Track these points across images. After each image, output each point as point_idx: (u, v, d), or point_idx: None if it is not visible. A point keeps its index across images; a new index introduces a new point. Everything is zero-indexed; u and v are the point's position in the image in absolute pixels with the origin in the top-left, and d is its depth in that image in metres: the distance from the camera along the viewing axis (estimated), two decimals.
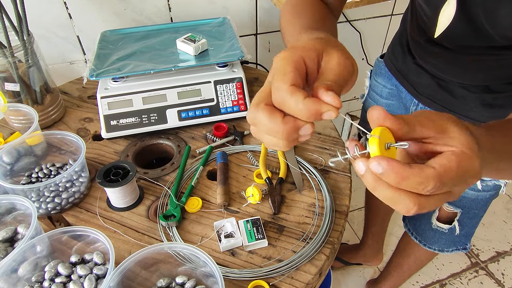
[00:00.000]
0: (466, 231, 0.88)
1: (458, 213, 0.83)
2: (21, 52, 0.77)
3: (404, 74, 0.80)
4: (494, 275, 1.48)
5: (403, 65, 0.80)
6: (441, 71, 0.70)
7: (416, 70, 0.75)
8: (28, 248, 0.53)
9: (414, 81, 0.77)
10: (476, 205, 0.81)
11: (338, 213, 0.68)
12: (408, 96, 0.81)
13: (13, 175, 0.72)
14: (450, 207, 0.83)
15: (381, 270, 1.47)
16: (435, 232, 0.90)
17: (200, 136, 0.84)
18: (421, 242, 0.96)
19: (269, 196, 0.69)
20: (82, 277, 0.53)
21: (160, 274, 0.56)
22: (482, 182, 0.74)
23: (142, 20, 1.06)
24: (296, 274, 0.59)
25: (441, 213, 0.87)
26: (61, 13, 0.97)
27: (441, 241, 0.92)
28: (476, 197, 0.78)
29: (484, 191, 0.77)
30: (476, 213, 0.83)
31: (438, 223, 0.88)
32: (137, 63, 0.83)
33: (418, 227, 0.95)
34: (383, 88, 0.90)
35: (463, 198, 0.80)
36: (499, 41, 0.56)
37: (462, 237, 0.90)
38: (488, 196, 0.79)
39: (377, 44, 1.46)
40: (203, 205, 0.69)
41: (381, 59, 0.91)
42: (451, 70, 0.68)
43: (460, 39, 0.62)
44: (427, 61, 0.72)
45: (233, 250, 0.62)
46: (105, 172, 0.66)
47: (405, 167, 0.28)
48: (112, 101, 0.80)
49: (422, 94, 0.76)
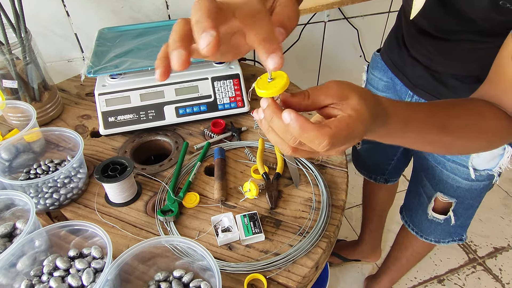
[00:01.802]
0: (461, 222, 0.89)
1: (453, 203, 0.84)
2: (19, 49, 0.77)
3: (399, 67, 0.82)
4: (491, 271, 1.48)
5: (398, 57, 0.81)
6: (433, 61, 0.71)
7: (411, 62, 0.76)
8: (26, 243, 0.53)
9: (409, 73, 0.79)
10: (470, 195, 0.81)
11: (335, 208, 0.68)
12: (403, 88, 0.82)
13: (12, 171, 0.72)
14: (445, 197, 0.83)
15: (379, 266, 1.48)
16: (431, 222, 0.91)
17: (197, 132, 0.85)
18: (418, 234, 0.97)
19: (266, 191, 0.70)
20: (80, 271, 0.53)
21: (158, 268, 0.57)
22: (475, 172, 0.75)
23: (140, 18, 1.06)
24: (293, 267, 0.59)
25: (436, 203, 0.87)
26: (58, 10, 0.98)
27: (437, 231, 0.93)
28: (470, 187, 0.79)
29: (477, 181, 0.77)
30: (470, 204, 0.84)
31: (434, 213, 0.89)
32: (134, 60, 0.84)
33: (415, 218, 0.96)
34: (379, 81, 0.91)
35: (457, 188, 0.80)
36: (482, 24, 0.56)
37: (458, 228, 0.91)
38: (482, 186, 0.79)
39: (374, 41, 1.47)
40: (201, 200, 0.69)
41: (377, 53, 0.92)
42: (442, 60, 0.69)
43: (441, 22, 0.63)
44: (420, 53, 0.73)
45: (230, 244, 0.63)
46: (103, 168, 0.66)
47: (307, 122, 0.33)
48: (110, 98, 0.80)
49: (416, 86, 0.77)
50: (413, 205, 0.96)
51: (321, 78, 1.50)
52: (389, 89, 0.90)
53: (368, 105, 0.36)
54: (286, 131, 0.35)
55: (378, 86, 0.92)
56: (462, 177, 0.78)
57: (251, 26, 0.34)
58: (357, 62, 1.50)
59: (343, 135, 0.34)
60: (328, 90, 0.37)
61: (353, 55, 1.47)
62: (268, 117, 0.36)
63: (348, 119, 0.35)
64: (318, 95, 0.36)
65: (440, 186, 0.83)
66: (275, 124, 0.36)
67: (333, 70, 1.48)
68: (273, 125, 0.36)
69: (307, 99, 0.37)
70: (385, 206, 1.29)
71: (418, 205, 0.93)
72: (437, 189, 0.84)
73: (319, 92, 0.36)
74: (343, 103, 0.36)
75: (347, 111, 0.35)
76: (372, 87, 0.94)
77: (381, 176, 1.13)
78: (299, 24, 1.26)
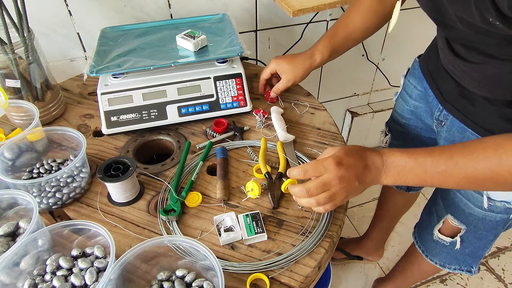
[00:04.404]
0: (471, 250, 0.83)
1: (462, 230, 0.79)
2: (22, 48, 0.77)
3: (434, 77, 0.78)
4: (494, 271, 1.48)
5: (434, 67, 0.77)
6: (460, 79, 0.68)
7: (444, 75, 0.73)
8: (29, 242, 0.53)
9: (442, 86, 0.75)
10: (484, 226, 0.75)
11: (337, 207, 0.68)
12: (434, 100, 0.78)
13: (15, 170, 0.72)
14: (455, 221, 0.79)
15: (381, 266, 1.47)
16: (437, 243, 0.87)
17: (200, 132, 0.85)
18: (424, 252, 0.94)
19: (268, 191, 0.70)
20: (83, 270, 0.53)
21: (160, 268, 0.57)
22: (489, 201, 0.70)
23: (142, 17, 1.06)
24: (295, 267, 0.59)
25: (446, 226, 0.83)
26: (61, 10, 0.98)
27: (442, 254, 0.88)
28: (484, 217, 0.74)
29: (492, 212, 0.72)
30: (484, 235, 0.78)
31: (439, 234, 0.85)
32: (137, 59, 0.84)
33: (423, 236, 0.93)
34: (414, 89, 0.87)
35: (469, 215, 0.75)
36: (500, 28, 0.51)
37: (467, 257, 0.85)
38: (498, 219, 0.73)
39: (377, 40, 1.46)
40: (203, 200, 0.69)
41: (417, 59, 0.88)
42: (468, 79, 0.66)
43: (459, 34, 0.60)
44: (450, 68, 0.70)
45: (232, 244, 0.63)
46: (105, 168, 0.66)
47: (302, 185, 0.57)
48: (112, 97, 0.80)
49: (446, 100, 0.74)
50: (424, 223, 0.92)
51: (323, 77, 1.49)
52: (422, 99, 0.86)
53: (346, 150, 0.52)
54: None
55: (411, 94, 0.88)
56: (475, 205, 0.73)
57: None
58: (359, 61, 1.49)
59: (314, 186, 0.56)
60: (317, 168, 0.58)
61: (356, 54, 1.47)
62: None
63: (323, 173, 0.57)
64: (310, 174, 0.58)
65: (451, 208, 0.79)
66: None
67: (335, 69, 1.47)
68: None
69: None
70: (400, 211, 1.26)
71: (428, 223, 0.89)
72: (448, 211, 0.80)
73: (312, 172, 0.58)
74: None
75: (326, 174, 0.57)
76: (406, 94, 0.90)
77: None
78: (301, 23, 1.26)
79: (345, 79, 1.56)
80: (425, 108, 0.86)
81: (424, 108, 0.86)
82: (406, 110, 0.92)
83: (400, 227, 1.57)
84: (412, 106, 0.90)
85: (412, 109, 0.90)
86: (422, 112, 0.87)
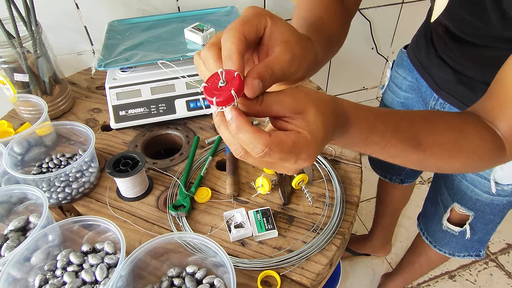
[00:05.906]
0: (479, 237, 0.83)
1: (471, 216, 0.78)
2: (30, 42, 0.77)
3: (426, 67, 0.77)
4: (504, 267, 1.46)
5: (425, 57, 0.76)
6: (461, 65, 0.67)
7: (438, 63, 0.72)
8: (40, 237, 0.53)
9: (435, 75, 0.74)
10: (491, 210, 0.75)
11: (349, 204, 0.67)
12: (428, 90, 0.78)
13: (24, 165, 0.72)
14: (462, 209, 0.78)
15: (389, 261, 1.46)
16: (446, 234, 0.86)
17: (208, 127, 0.84)
18: (432, 243, 0.93)
19: (279, 187, 0.69)
20: (94, 266, 0.53)
21: (171, 264, 0.57)
22: (497, 186, 0.70)
23: (149, 10, 1.05)
24: (307, 264, 0.59)
25: (453, 214, 0.82)
26: (68, 3, 0.97)
27: (452, 244, 0.88)
28: (491, 201, 0.73)
29: (499, 196, 0.72)
30: (491, 219, 0.78)
31: (449, 224, 0.84)
32: (145, 53, 0.83)
33: (430, 227, 0.92)
34: (403, 80, 0.86)
35: (477, 201, 0.75)
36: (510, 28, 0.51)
37: (475, 243, 0.85)
38: (505, 202, 0.73)
39: (387, 33, 1.44)
40: (213, 196, 0.69)
41: (404, 50, 0.87)
42: (471, 65, 0.65)
43: (466, 25, 0.58)
44: (447, 55, 0.69)
45: (243, 240, 0.62)
46: (114, 162, 0.66)
47: (245, 123, 0.31)
48: (120, 91, 0.80)
49: (442, 89, 0.73)
50: (430, 214, 0.91)
51: (332, 70, 1.47)
52: (413, 89, 0.85)
53: (325, 122, 0.34)
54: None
55: (401, 86, 0.87)
56: (482, 190, 0.72)
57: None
58: (369, 54, 1.47)
59: (285, 151, 0.31)
60: (282, 101, 0.33)
61: (365, 47, 1.44)
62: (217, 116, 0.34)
63: (297, 137, 0.32)
64: (271, 103, 0.33)
65: (458, 196, 0.78)
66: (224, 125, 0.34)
67: (344, 62, 1.45)
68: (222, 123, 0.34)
69: (258, 104, 0.33)
70: (399, 205, 1.26)
71: (434, 213, 0.88)
72: (455, 200, 0.79)
73: (274, 100, 0.33)
74: (297, 118, 0.33)
75: (299, 128, 0.33)
76: (395, 85, 0.90)
77: (397, 176, 1.09)
78: None
79: (354, 73, 1.54)
80: (417, 98, 0.85)
81: (416, 99, 0.85)
82: (396, 102, 0.91)
83: (408, 222, 1.56)
84: (402, 98, 0.88)
85: (402, 101, 0.89)
86: (413, 103, 0.86)
